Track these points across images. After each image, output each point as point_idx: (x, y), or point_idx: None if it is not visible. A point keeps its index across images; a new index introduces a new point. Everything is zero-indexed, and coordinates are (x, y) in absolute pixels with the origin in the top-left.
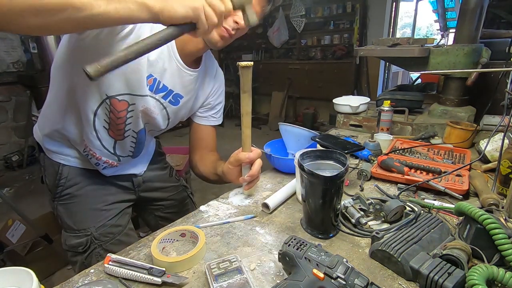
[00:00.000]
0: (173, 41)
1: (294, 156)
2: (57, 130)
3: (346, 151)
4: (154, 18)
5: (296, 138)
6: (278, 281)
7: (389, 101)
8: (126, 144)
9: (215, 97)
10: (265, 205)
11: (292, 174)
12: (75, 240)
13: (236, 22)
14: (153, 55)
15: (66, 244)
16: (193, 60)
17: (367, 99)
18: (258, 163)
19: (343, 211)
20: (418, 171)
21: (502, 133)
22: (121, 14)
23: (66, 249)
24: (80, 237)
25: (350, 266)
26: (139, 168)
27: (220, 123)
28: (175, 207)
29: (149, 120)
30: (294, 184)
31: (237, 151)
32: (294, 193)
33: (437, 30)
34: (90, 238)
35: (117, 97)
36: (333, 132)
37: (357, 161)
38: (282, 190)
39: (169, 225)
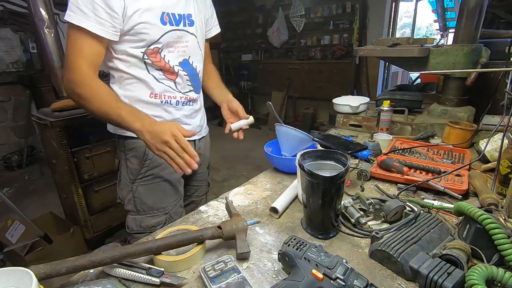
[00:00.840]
0: None
1: (294, 156)
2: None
3: (349, 152)
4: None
5: (293, 140)
6: (277, 281)
7: (388, 101)
8: (182, 79)
9: (210, 11)
10: (273, 209)
11: (292, 173)
12: (154, 220)
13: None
14: None
15: (141, 227)
16: None
17: (367, 99)
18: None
19: (343, 211)
20: (418, 171)
21: (502, 133)
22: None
23: (141, 231)
24: (159, 216)
25: (350, 267)
26: (199, 120)
27: (219, 30)
28: (195, 196)
29: (186, 52)
30: (296, 185)
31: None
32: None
33: (437, 30)
34: (168, 216)
35: (149, 48)
36: (332, 132)
37: (356, 161)
38: (287, 192)
39: (169, 224)
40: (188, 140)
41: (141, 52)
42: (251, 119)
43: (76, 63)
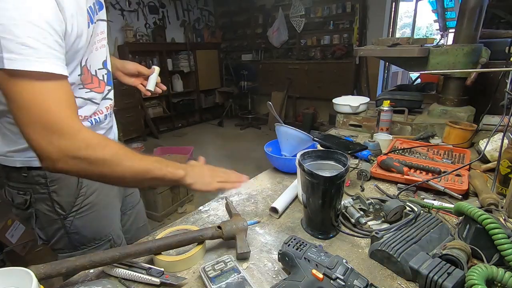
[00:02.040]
0: None
1: (294, 156)
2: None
3: (349, 152)
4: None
5: (293, 140)
6: (277, 281)
7: (388, 101)
8: (103, 82)
9: None
10: (273, 209)
11: (292, 173)
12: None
13: None
14: None
15: None
16: None
17: (367, 99)
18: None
19: (343, 211)
20: (418, 171)
21: (502, 133)
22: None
23: None
24: (102, 245)
25: (350, 267)
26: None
27: None
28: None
29: (103, 43)
30: (296, 185)
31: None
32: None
33: (437, 30)
34: (112, 243)
35: (83, 65)
36: (333, 132)
37: (356, 161)
38: (287, 192)
39: (169, 224)
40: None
41: (78, 75)
42: (157, 69)
43: (66, 122)
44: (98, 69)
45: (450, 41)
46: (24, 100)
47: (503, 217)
